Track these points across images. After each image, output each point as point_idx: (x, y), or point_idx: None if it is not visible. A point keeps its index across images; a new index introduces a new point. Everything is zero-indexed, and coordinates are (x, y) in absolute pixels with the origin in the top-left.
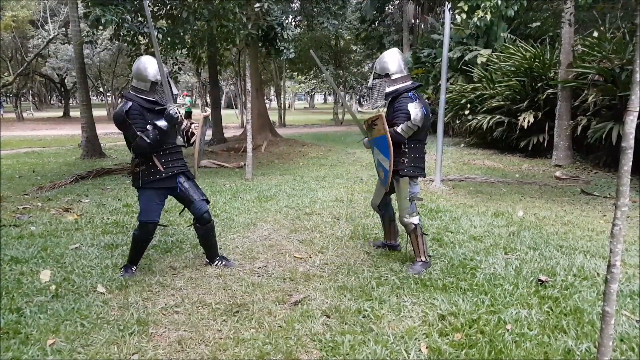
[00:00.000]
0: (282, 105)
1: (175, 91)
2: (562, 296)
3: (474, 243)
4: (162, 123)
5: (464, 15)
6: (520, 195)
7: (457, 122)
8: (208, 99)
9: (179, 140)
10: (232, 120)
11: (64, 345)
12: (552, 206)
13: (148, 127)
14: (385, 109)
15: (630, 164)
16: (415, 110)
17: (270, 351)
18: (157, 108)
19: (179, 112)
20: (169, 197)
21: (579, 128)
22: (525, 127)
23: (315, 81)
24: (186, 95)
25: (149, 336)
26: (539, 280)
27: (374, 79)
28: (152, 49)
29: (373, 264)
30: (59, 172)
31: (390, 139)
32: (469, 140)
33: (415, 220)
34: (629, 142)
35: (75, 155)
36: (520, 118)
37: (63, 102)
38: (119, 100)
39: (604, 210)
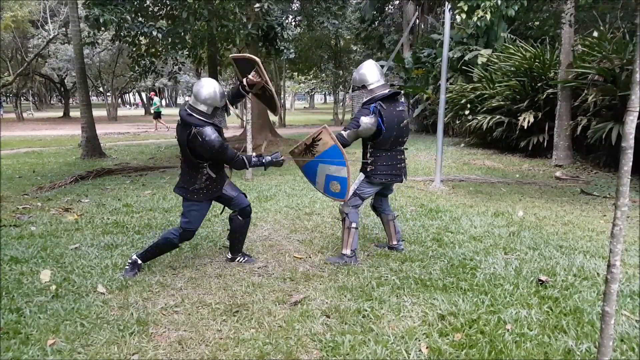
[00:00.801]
0: (282, 105)
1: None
2: (562, 296)
3: (474, 243)
4: (267, 159)
5: (464, 15)
6: (520, 195)
7: (457, 122)
8: None
9: None
10: (232, 120)
11: (64, 345)
12: (552, 206)
13: (253, 153)
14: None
15: (631, 164)
16: (365, 121)
17: (270, 351)
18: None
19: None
20: (173, 198)
21: (579, 128)
22: (525, 127)
23: (315, 81)
24: (154, 96)
25: (149, 336)
26: (539, 280)
27: (353, 90)
28: (154, 50)
29: (373, 264)
30: (59, 172)
31: (340, 146)
32: (469, 140)
33: (346, 210)
34: (629, 142)
35: (75, 155)
36: (520, 118)
37: (63, 102)
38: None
39: (604, 210)
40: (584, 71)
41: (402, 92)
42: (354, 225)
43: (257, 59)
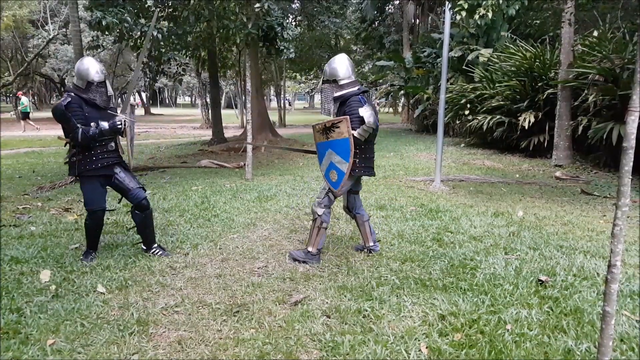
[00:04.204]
0: (283, 105)
1: (110, 92)
2: (562, 296)
3: (474, 243)
4: (104, 126)
5: (464, 14)
6: (520, 195)
7: (457, 122)
8: (208, 99)
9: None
10: (232, 120)
11: (64, 345)
12: (552, 206)
13: (92, 124)
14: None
15: (631, 164)
16: (367, 113)
17: (270, 351)
18: (108, 111)
19: (124, 123)
20: (173, 198)
21: (580, 128)
22: (526, 127)
23: (315, 81)
24: (22, 95)
25: (149, 336)
26: (539, 280)
27: (322, 83)
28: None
29: (373, 264)
30: (59, 172)
31: (352, 141)
32: (469, 141)
33: (319, 211)
34: (630, 142)
35: None
36: (521, 118)
37: None
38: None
39: (604, 210)
40: (584, 71)
41: (369, 90)
42: (324, 225)
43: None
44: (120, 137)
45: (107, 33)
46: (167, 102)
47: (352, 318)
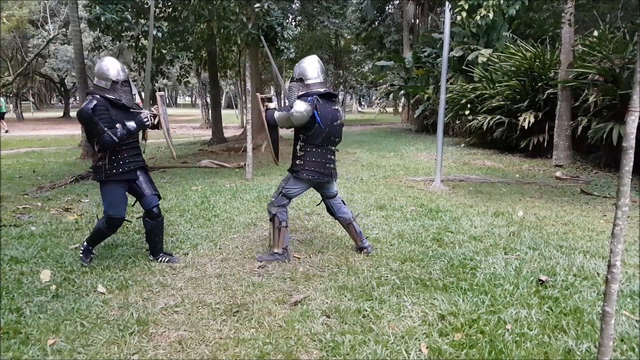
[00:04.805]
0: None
1: (134, 91)
2: (562, 296)
3: (474, 243)
4: (131, 125)
5: (464, 14)
6: (520, 195)
7: (457, 122)
8: (208, 99)
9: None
10: (232, 120)
11: (64, 345)
12: (552, 206)
13: (117, 125)
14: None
15: (632, 164)
16: (299, 107)
17: (270, 351)
18: (131, 110)
19: (150, 118)
20: (173, 198)
21: (580, 128)
22: (526, 127)
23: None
24: None
25: (149, 336)
26: (539, 280)
27: (291, 81)
28: (158, 55)
29: (373, 264)
30: (59, 172)
31: (263, 116)
32: (469, 141)
33: (273, 211)
34: (630, 142)
35: (75, 155)
36: (521, 118)
37: (63, 102)
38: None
39: (604, 210)
40: (585, 71)
41: (337, 94)
42: (283, 224)
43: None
44: (143, 138)
45: (106, 32)
46: (168, 102)
47: (352, 318)
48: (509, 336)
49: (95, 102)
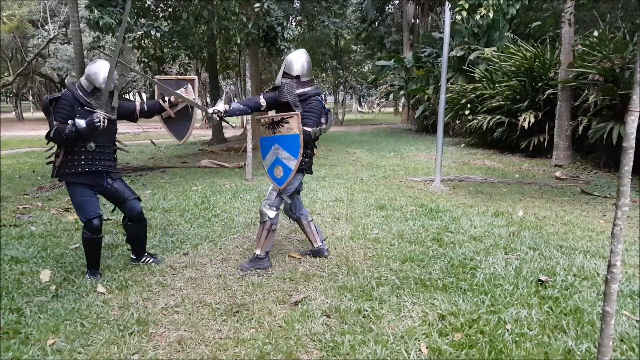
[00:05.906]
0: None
1: (115, 103)
2: (562, 296)
3: (474, 243)
4: (80, 123)
5: (465, 14)
6: (520, 195)
7: (457, 122)
8: (208, 99)
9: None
10: (232, 120)
11: (64, 345)
12: (552, 206)
13: (69, 122)
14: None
15: (632, 164)
16: (330, 117)
17: (270, 351)
18: (86, 107)
19: (104, 122)
20: (173, 198)
21: (580, 128)
22: (526, 127)
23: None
24: None
25: (149, 336)
26: (539, 280)
27: (282, 77)
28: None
29: (373, 264)
30: None
31: (302, 138)
32: (469, 141)
33: (271, 214)
34: (630, 142)
35: None
36: (521, 118)
37: None
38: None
39: (604, 210)
40: (585, 71)
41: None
42: (274, 227)
43: (194, 78)
44: (119, 142)
45: (106, 32)
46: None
47: (352, 318)
48: (509, 336)
49: (60, 96)
